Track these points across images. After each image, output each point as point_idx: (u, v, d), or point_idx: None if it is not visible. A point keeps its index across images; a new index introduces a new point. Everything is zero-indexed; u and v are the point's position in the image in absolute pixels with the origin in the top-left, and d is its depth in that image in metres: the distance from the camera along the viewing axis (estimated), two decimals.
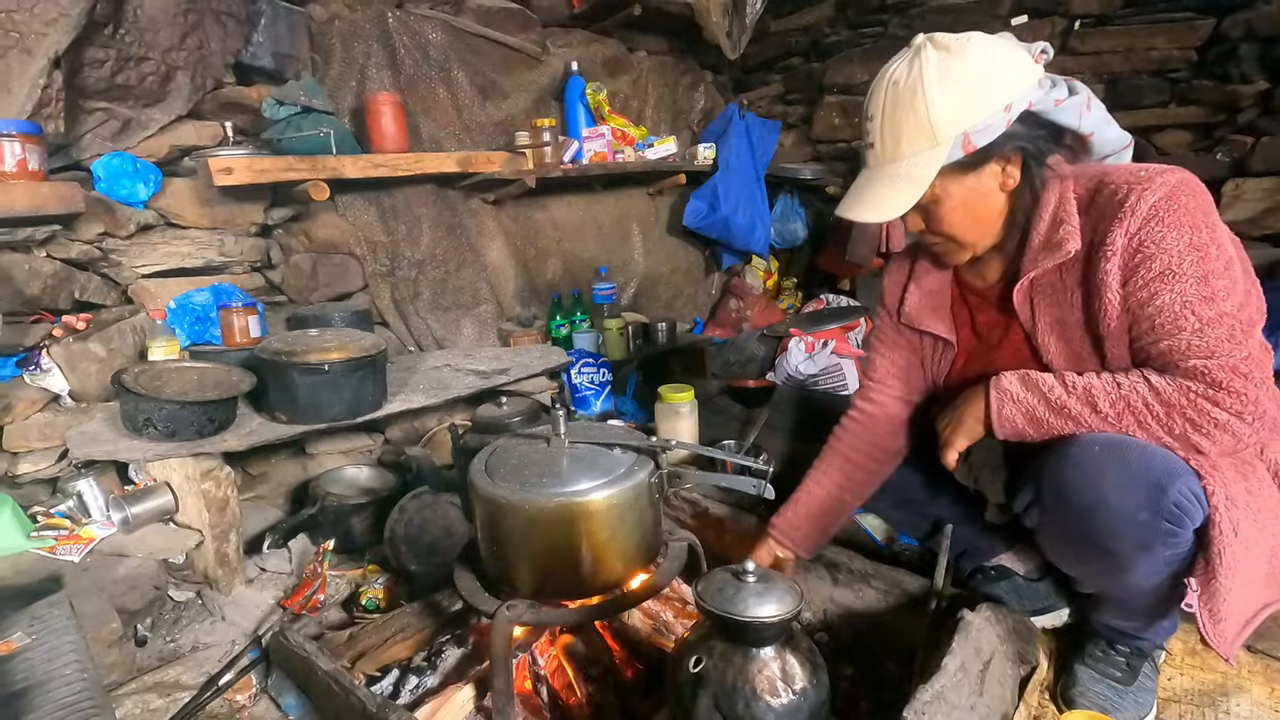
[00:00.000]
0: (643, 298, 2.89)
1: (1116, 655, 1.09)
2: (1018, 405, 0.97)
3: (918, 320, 1.19)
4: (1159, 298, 0.88)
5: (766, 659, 0.85)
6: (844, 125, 3.00)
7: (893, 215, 0.96)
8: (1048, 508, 0.96)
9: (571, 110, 2.49)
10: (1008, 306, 1.07)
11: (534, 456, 1.13)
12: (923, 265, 1.19)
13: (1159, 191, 0.88)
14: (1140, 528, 0.88)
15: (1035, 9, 2.42)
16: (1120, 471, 0.88)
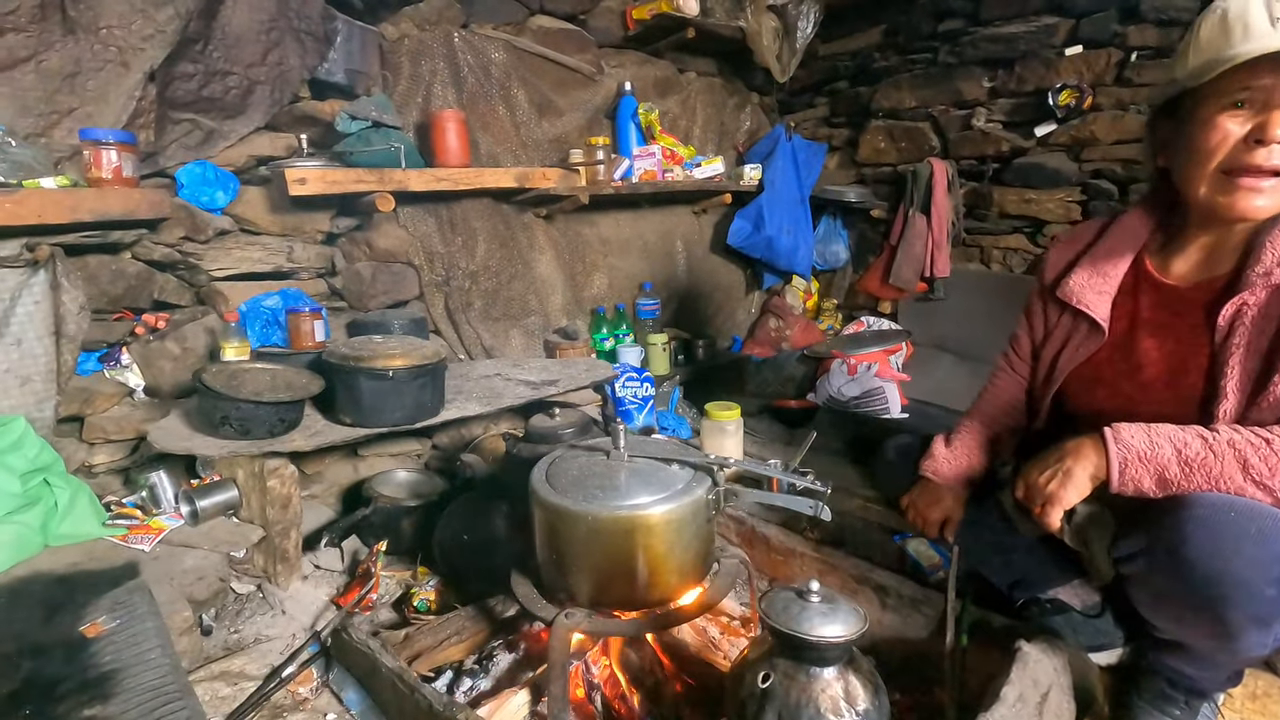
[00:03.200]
0: (684, 314, 2.92)
1: (1176, 694, 1.08)
2: (1145, 464, 0.91)
3: (1076, 295, 1.17)
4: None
5: (830, 679, 0.86)
6: (889, 149, 3.01)
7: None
8: (1160, 563, 0.93)
9: (623, 129, 2.54)
10: (1193, 314, 1.04)
11: (594, 468, 1.16)
12: (1106, 245, 1.17)
13: None
14: (1264, 602, 0.85)
15: (1091, 39, 2.42)
16: (1255, 544, 0.84)
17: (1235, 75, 0.90)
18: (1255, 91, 0.90)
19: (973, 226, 2.84)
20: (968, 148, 2.79)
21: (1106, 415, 1.16)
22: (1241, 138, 0.92)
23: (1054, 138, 2.55)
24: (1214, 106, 0.94)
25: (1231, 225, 1.01)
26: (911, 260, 2.79)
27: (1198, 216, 1.05)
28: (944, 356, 2.81)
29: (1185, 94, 0.98)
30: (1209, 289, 1.04)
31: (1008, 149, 2.67)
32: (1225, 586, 0.85)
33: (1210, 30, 0.93)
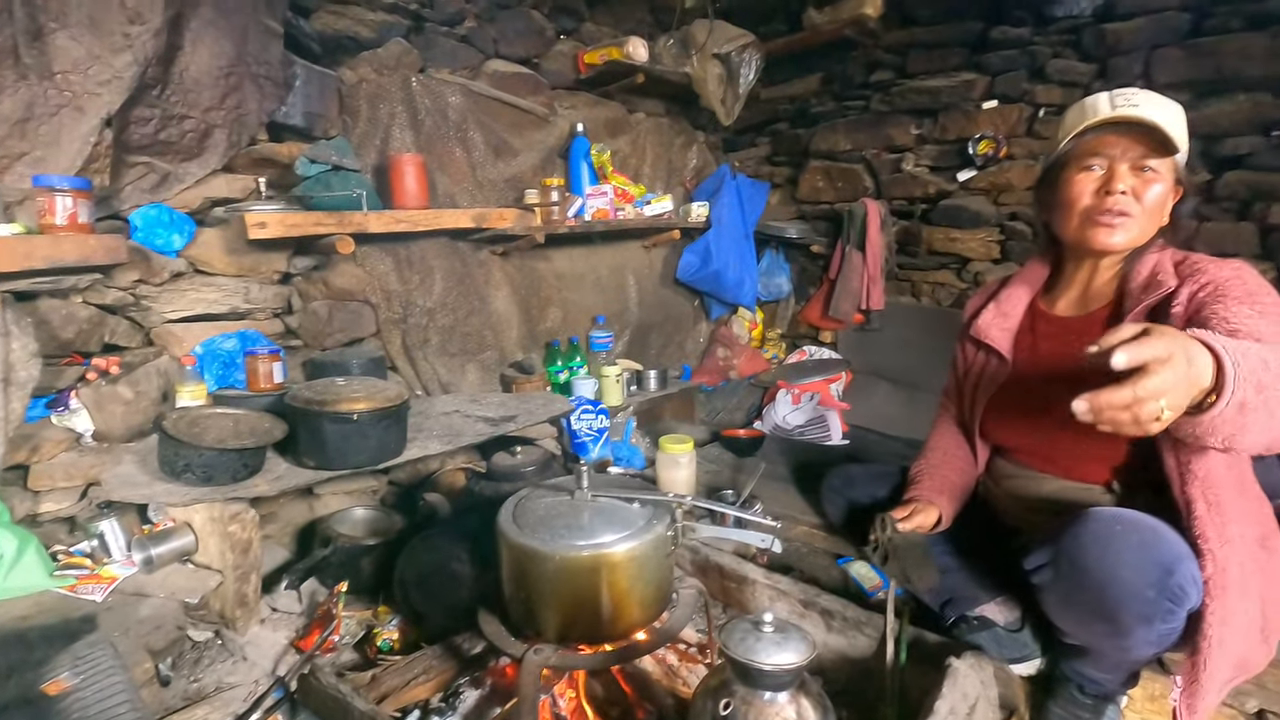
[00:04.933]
0: (636, 345, 3.01)
1: (1086, 698, 1.21)
2: (1249, 360, 0.80)
3: (984, 332, 1.37)
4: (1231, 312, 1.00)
5: (784, 703, 0.95)
6: (827, 188, 3.19)
7: (1180, 141, 1.12)
8: (1062, 573, 1.08)
9: (576, 168, 2.63)
10: (1081, 339, 1.14)
11: (559, 508, 1.23)
12: (1009, 290, 1.39)
13: (1233, 269, 1.09)
14: (1146, 603, 1.00)
15: (1005, 95, 2.65)
16: (1137, 552, 1.00)
17: (1088, 144, 1.15)
18: (1101, 155, 1.15)
19: (904, 262, 3.04)
20: (899, 189, 2.99)
21: (1023, 444, 1.32)
22: (1095, 189, 1.16)
23: (975, 183, 2.77)
24: (1075, 168, 1.18)
25: (1098, 261, 1.23)
26: (849, 293, 2.96)
27: (1073, 256, 1.27)
28: (881, 384, 2.98)
29: (1054, 165, 1.22)
30: (1094, 319, 1.23)
31: (935, 191, 2.88)
32: (1115, 589, 1.00)
33: (1073, 113, 1.20)
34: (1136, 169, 1.13)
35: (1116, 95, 1.14)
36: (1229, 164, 2.24)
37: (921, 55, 2.85)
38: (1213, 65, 2.22)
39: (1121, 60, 2.38)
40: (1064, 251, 1.28)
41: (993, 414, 1.36)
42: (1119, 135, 1.12)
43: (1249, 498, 1.15)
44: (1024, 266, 1.39)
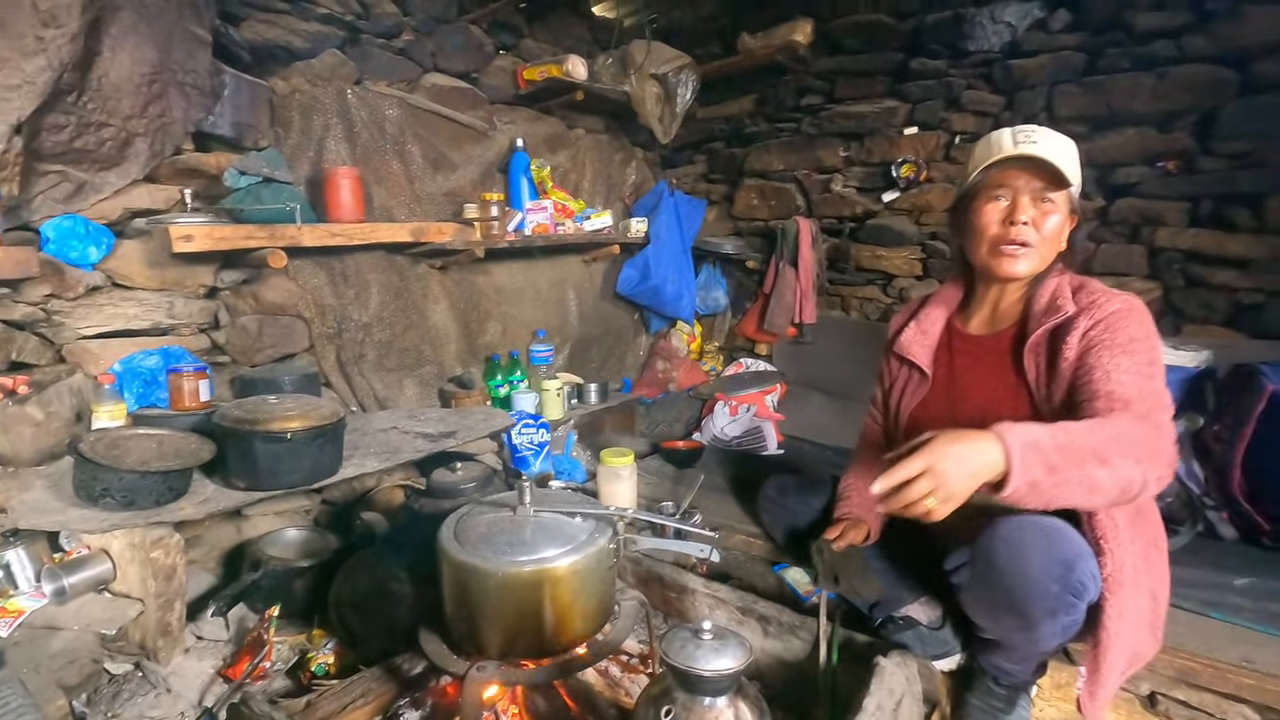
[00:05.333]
0: (576, 359, 3.03)
1: (1000, 689, 1.29)
2: (1038, 453, 0.95)
3: (906, 349, 1.45)
4: (1114, 362, 1.12)
5: (722, 707, 0.98)
6: (761, 206, 3.30)
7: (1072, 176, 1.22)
8: (978, 572, 1.18)
9: (515, 183, 2.64)
10: (990, 357, 1.33)
11: (501, 525, 1.23)
12: (928, 310, 1.47)
13: (1122, 303, 1.19)
14: (1051, 597, 1.09)
15: (924, 122, 2.82)
16: (1042, 550, 1.09)
17: (994, 176, 1.24)
18: (1006, 188, 1.25)
19: (835, 278, 3.17)
20: (829, 208, 3.12)
21: None
22: (1000, 220, 1.25)
23: (898, 204, 2.92)
24: (983, 199, 1.27)
25: (1005, 284, 1.32)
26: (783, 307, 3.06)
27: (982, 279, 1.36)
28: (814, 395, 3.09)
29: (965, 195, 1.31)
30: (1004, 338, 1.33)
31: (862, 211, 3.03)
32: (1024, 585, 1.09)
33: (981, 147, 1.29)
34: (1036, 201, 1.23)
35: (1018, 132, 1.23)
36: (1121, 192, 2.45)
37: (848, 82, 3.00)
38: (1105, 101, 2.43)
39: (1027, 94, 2.58)
40: (975, 274, 1.38)
41: (914, 425, 1.44)
42: (1020, 170, 1.22)
43: (1141, 504, 1.26)
44: (941, 287, 1.49)
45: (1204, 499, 1.93)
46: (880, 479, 0.96)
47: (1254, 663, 1.32)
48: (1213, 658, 1.34)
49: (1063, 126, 2.45)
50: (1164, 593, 1.26)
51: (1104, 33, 2.43)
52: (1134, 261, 2.45)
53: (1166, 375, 2.00)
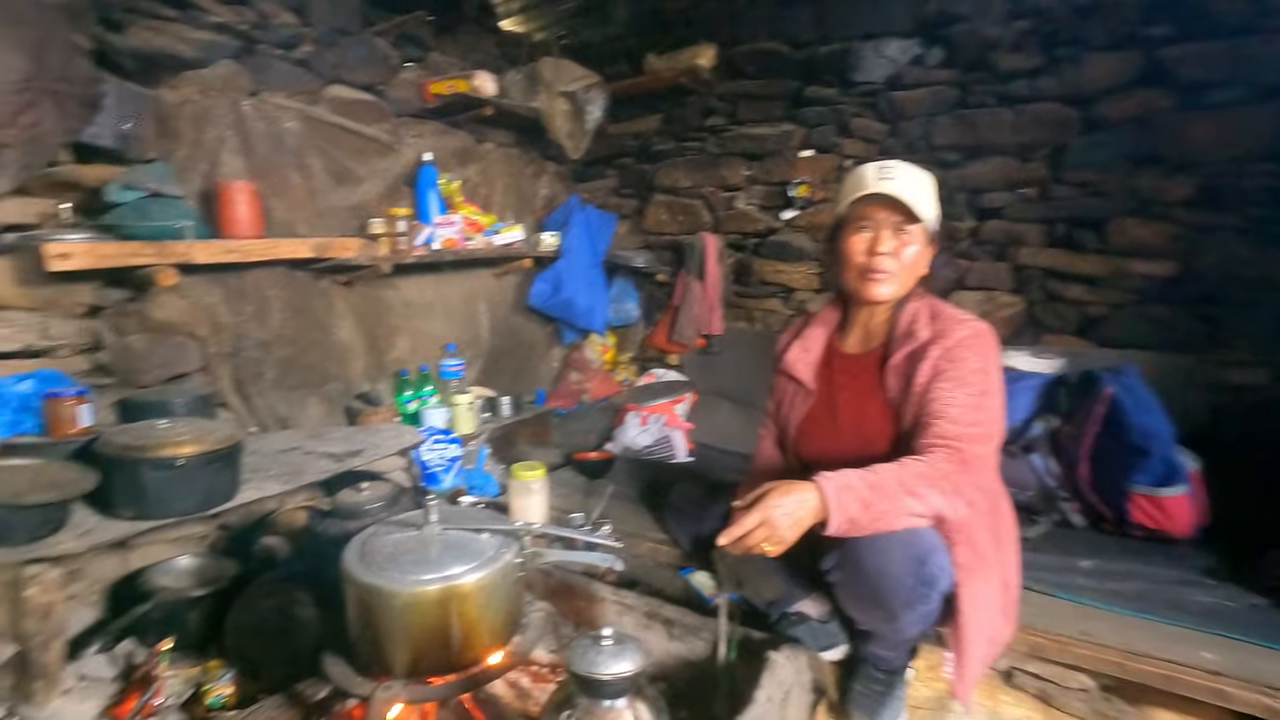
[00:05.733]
0: (489, 372, 3.03)
1: (879, 674, 1.42)
2: (851, 493, 1.16)
3: (792, 367, 1.56)
4: (949, 395, 1.27)
5: (621, 708, 1.04)
6: (670, 221, 3.42)
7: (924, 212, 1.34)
8: (847, 570, 1.30)
9: (424, 197, 2.62)
10: (863, 375, 1.46)
11: (407, 544, 1.25)
12: (810, 330, 1.59)
13: (970, 330, 1.32)
14: (907, 590, 1.23)
15: (819, 145, 3.01)
16: (899, 547, 1.22)
17: (859, 209, 1.37)
18: (870, 220, 1.37)
19: (740, 291, 3.32)
20: (733, 224, 3.27)
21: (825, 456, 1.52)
22: (865, 249, 1.38)
23: (796, 222, 3.10)
24: (850, 230, 1.40)
25: (873, 308, 1.46)
26: (691, 319, 3.18)
27: (854, 303, 1.50)
28: (723, 403, 3.21)
29: (836, 225, 1.44)
30: (874, 356, 1.46)
31: (764, 228, 3.19)
32: (885, 581, 1.22)
33: (849, 181, 1.41)
34: (896, 232, 1.36)
35: (880, 169, 1.36)
36: (989, 214, 2.70)
37: (749, 105, 3.16)
38: (974, 133, 2.68)
39: (908, 124, 2.80)
40: (848, 298, 1.51)
41: (802, 436, 1.56)
42: (880, 205, 1.34)
43: (993, 497, 1.42)
44: (822, 308, 1.61)
45: (1058, 492, 2.16)
46: (724, 533, 1.18)
47: (1092, 635, 1.51)
48: (1058, 633, 1.51)
49: (939, 155, 2.71)
50: (1015, 579, 1.42)
51: (972, 71, 2.68)
52: (1001, 277, 2.71)
53: (1027, 381, 2.24)
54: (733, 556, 1.56)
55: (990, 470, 1.35)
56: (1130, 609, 1.60)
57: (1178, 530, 1.95)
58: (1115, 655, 1.45)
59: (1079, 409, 2.16)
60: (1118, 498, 2.02)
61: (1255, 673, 1.36)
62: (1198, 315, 2.40)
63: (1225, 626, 1.52)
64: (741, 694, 1.36)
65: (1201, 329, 2.39)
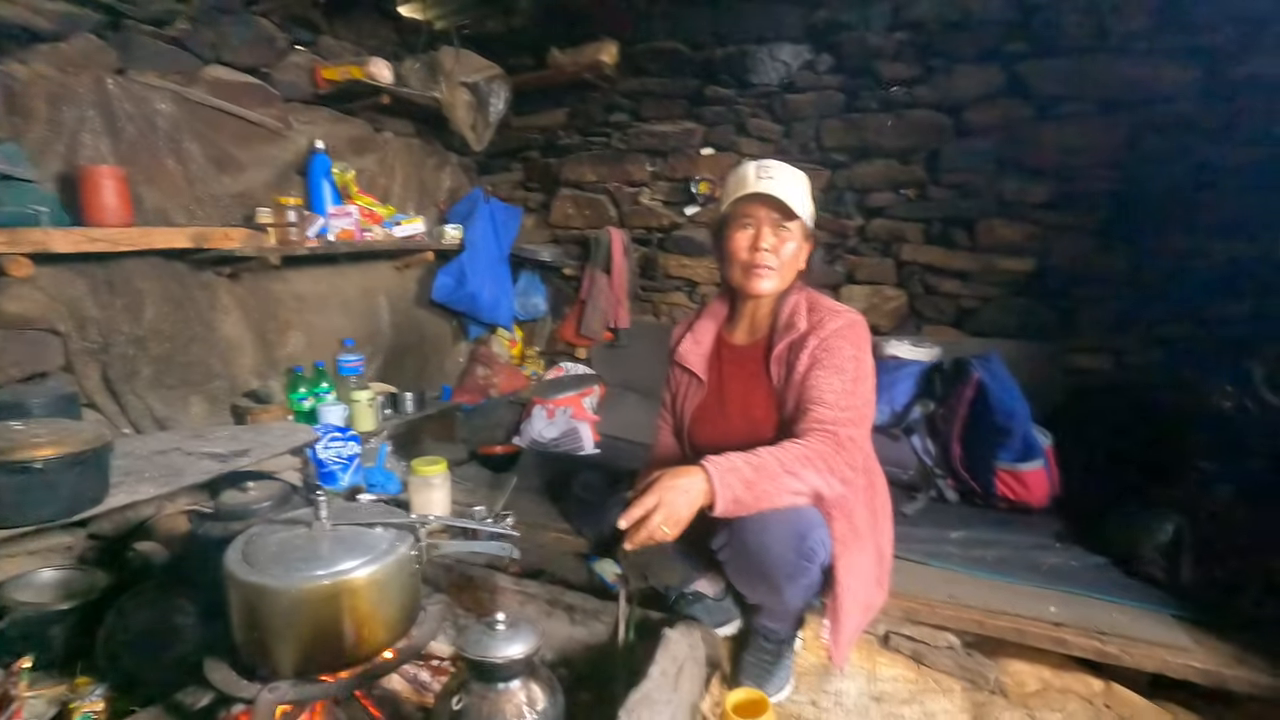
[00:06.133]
0: (390, 368, 2.96)
1: (768, 644, 1.51)
2: (736, 474, 1.23)
3: (685, 358, 1.61)
4: (825, 381, 1.36)
5: (515, 689, 1.06)
6: (576, 216, 3.44)
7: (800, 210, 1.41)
8: (735, 548, 1.36)
9: (316, 187, 2.53)
10: (749, 364, 1.52)
11: (295, 541, 1.21)
12: (701, 323, 1.64)
13: (844, 320, 1.41)
14: (789, 563, 1.31)
15: (718, 144, 3.11)
16: (780, 524, 1.30)
17: (742, 207, 1.43)
18: (752, 217, 1.43)
19: (646, 285, 3.38)
20: (638, 219, 3.33)
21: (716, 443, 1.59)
22: (748, 245, 1.45)
23: (698, 217, 3.19)
24: (734, 227, 1.46)
25: (757, 301, 1.53)
26: (599, 313, 3.22)
27: (739, 296, 1.56)
28: (629, 395, 3.27)
29: (721, 223, 1.50)
30: (759, 347, 1.54)
31: (668, 223, 3.26)
32: (769, 556, 1.30)
33: (732, 180, 1.47)
34: (776, 229, 1.43)
35: (760, 168, 1.43)
36: (875, 213, 2.88)
37: (652, 103, 3.22)
38: (861, 136, 2.85)
39: (800, 125, 2.94)
40: (734, 291, 1.58)
41: (695, 424, 1.62)
42: (761, 203, 1.41)
43: (869, 475, 1.53)
44: (712, 302, 1.68)
45: (935, 470, 2.34)
46: (624, 516, 1.21)
47: (957, 598, 1.65)
48: (929, 598, 1.65)
49: (829, 155, 2.86)
50: (889, 550, 1.54)
51: (858, 77, 2.84)
52: (886, 273, 2.90)
53: (908, 369, 2.40)
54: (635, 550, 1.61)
55: (864, 450, 1.45)
56: (991, 572, 1.77)
57: (1035, 501, 2.17)
58: (976, 614, 1.59)
59: (951, 393, 2.34)
60: (985, 473, 2.21)
61: (1090, 622, 1.54)
62: (1053, 307, 2.66)
63: (1069, 583, 1.71)
64: (640, 671, 1.41)
65: (1056, 319, 2.65)
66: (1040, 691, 1.51)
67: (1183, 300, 2.46)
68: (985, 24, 2.60)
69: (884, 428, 2.40)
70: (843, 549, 1.36)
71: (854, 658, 1.60)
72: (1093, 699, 1.47)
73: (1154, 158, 2.43)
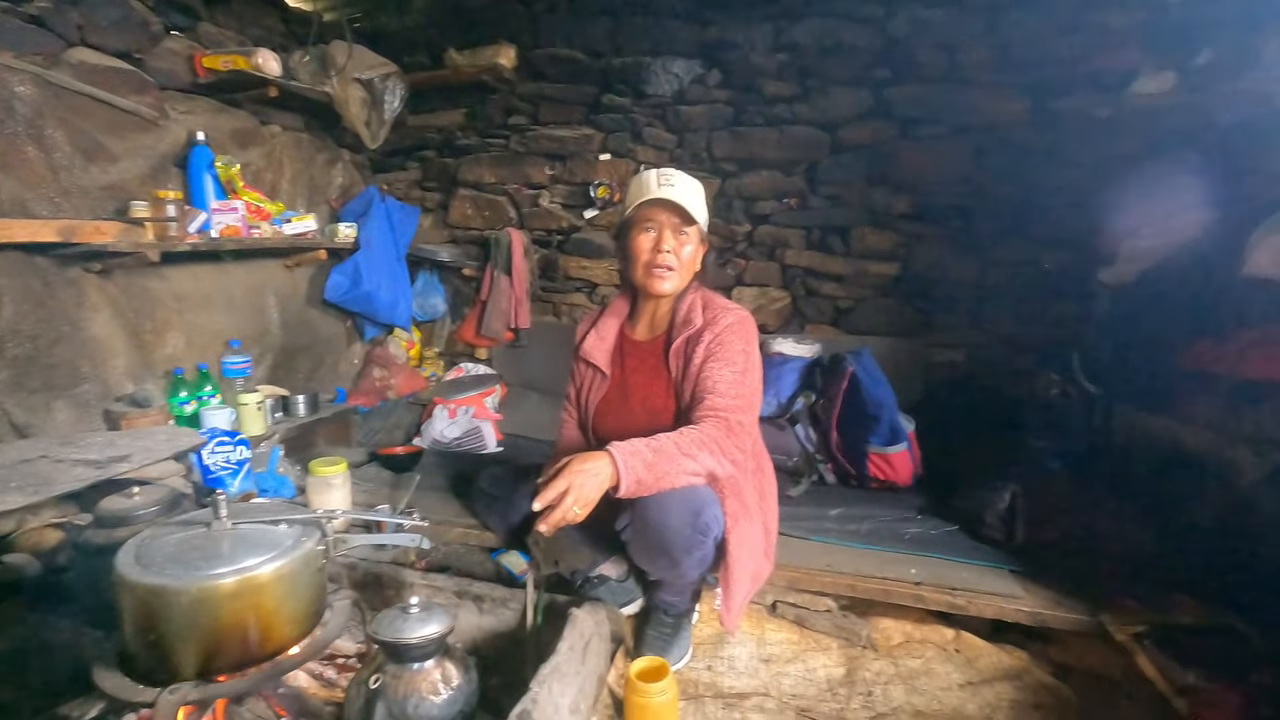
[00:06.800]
0: (281, 370, 2.85)
1: (668, 618, 1.62)
2: (638, 456, 1.33)
3: (589, 353, 1.70)
4: (718, 373, 1.48)
5: (430, 668, 1.11)
6: (476, 216, 3.44)
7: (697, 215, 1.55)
8: (637, 526, 1.47)
9: (197, 180, 2.41)
10: (650, 358, 1.63)
11: (194, 541, 1.20)
12: (604, 319, 1.73)
13: (734, 317, 1.54)
14: (686, 537, 1.42)
15: (616, 151, 3.22)
16: (678, 502, 1.41)
17: (644, 212, 1.55)
18: (653, 221, 1.55)
19: (547, 285, 3.44)
20: (538, 221, 3.38)
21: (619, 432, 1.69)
22: (650, 247, 1.56)
23: (598, 220, 3.29)
24: (636, 230, 1.57)
25: (658, 300, 1.64)
26: (499, 313, 3.24)
27: (641, 295, 1.67)
28: (531, 394, 3.32)
29: (624, 225, 1.61)
30: (659, 342, 1.66)
31: (567, 225, 3.34)
32: (667, 532, 1.41)
33: (634, 185, 1.59)
34: (676, 233, 1.55)
35: (661, 175, 1.55)
36: (761, 220, 3.09)
37: (551, 108, 3.28)
38: (748, 148, 3.05)
39: (692, 135, 3.11)
40: (636, 290, 1.69)
41: (599, 415, 1.72)
42: (662, 208, 1.53)
43: (757, 458, 1.68)
44: (615, 300, 1.78)
45: (816, 456, 2.56)
46: (538, 498, 1.27)
47: (833, 566, 1.84)
48: (809, 568, 1.83)
49: (719, 165, 3.03)
50: (774, 525, 1.70)
51: (745, 92, 3.04)
52: (772, 275, 3.12)
53: (792, 364, 2.60)
54: (545, 538, 1.67)
55: (753, 435, 1.60)
56: (863, 543, 1.98)
57: (901, 480, 2.42)
58: (849, 579, 1.78)
59: (829, 386, 2.57)
60: (859, 457, 2.45)
61: (944, 580, 1.77)
62: (915, 307, 2.96)
63: (927, 549, 1.94)
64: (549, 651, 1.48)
65: (918, 318, 2.96)
66: (904, 643, 1.71)
67: (1019, 302, 2.83)
68: (856, 50, 2.87)
69: (771, 418, 2.59)
70: (734, 523, 1.49)
71: (745, 625, 1.75)
72: (945, 646, 1.69)
73: (995, 176, 2.78)
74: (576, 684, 1.32)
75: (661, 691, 1.32)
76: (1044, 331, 2.77)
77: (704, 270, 1.67)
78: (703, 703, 1.48)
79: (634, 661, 1.40)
